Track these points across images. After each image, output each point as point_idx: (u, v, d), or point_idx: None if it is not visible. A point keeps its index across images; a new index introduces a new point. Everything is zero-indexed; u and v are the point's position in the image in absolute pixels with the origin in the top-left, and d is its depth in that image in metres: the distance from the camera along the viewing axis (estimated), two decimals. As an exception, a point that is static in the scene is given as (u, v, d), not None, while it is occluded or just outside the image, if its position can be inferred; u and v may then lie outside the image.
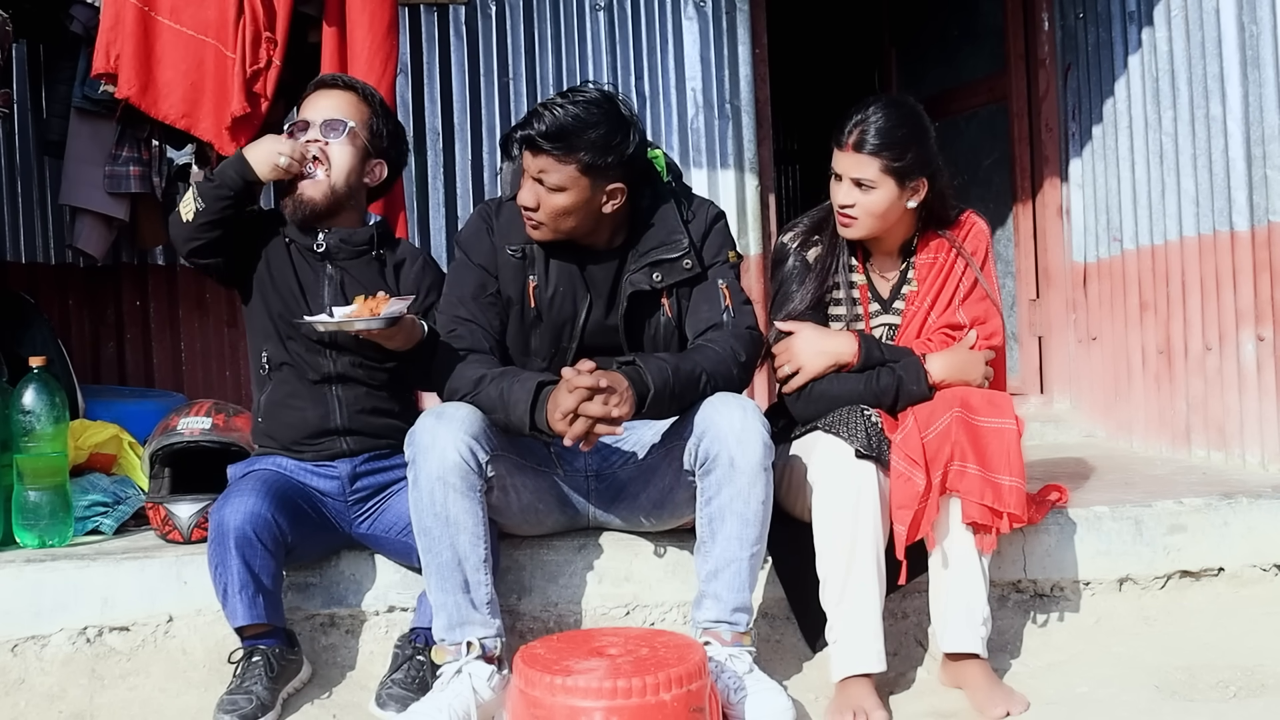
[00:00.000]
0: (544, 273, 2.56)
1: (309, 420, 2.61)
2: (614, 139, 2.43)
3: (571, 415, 2.27)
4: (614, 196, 2.49)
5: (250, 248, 2.64)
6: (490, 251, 2.58)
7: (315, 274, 2.62)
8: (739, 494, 2.37)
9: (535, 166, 2.44)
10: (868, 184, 2.57)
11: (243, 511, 2.41)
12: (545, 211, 2.46)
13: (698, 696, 2.12)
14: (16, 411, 2.77)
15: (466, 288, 2.57)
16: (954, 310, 2.66)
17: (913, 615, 2.73)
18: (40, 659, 2.57)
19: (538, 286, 2.55)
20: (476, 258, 2.58)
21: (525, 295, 2.56)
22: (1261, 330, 3.45)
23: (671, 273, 2.56)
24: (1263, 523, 2.91)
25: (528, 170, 2.46)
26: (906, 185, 2.59)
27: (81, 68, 3.51)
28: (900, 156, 2.55)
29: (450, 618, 2.37)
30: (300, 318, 2.49)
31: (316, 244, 2.62)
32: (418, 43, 4.36)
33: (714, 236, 2.62)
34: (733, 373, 2.49)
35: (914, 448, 2.44)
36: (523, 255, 2.56)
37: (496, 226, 2.59)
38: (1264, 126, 3.39)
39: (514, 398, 2.35)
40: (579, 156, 2.41)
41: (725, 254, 2.62)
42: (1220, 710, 2.38)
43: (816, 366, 2.60)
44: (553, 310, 2.56)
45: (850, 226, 2.63)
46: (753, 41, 4.51)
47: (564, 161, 2.41)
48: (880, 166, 2.56)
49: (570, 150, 2.41)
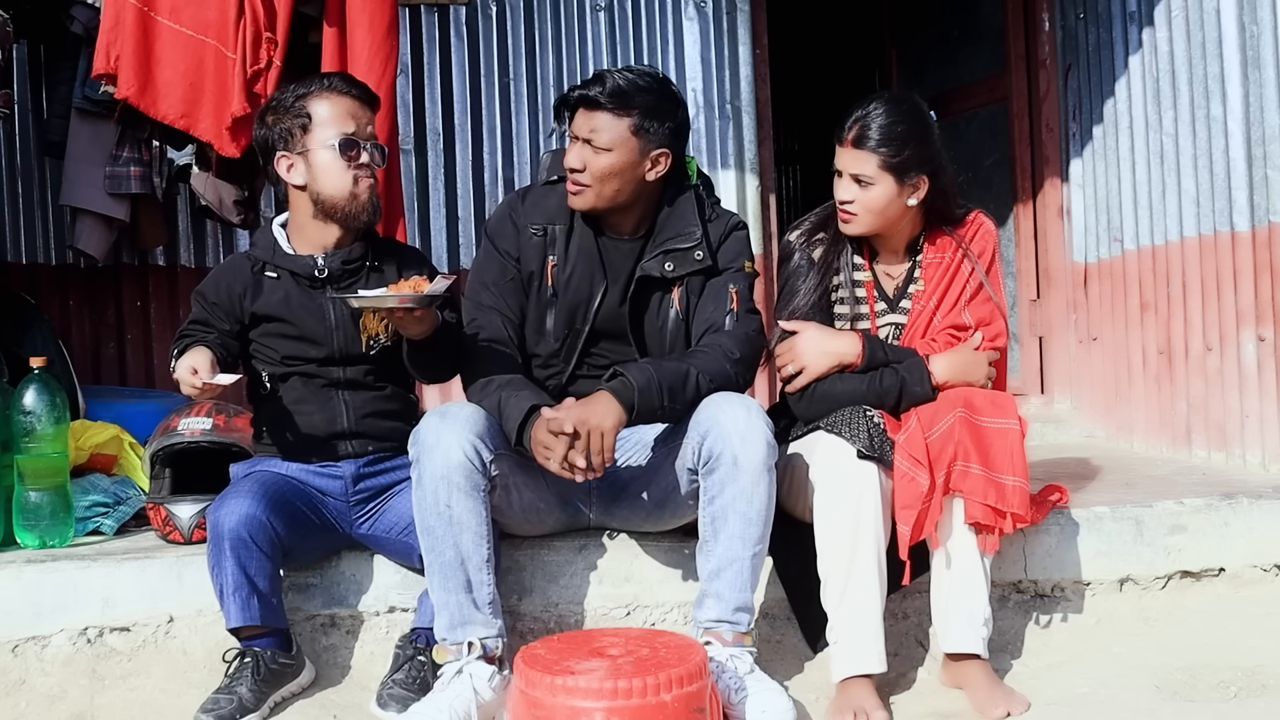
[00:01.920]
0: (564, 253, 2.60)
1: (316, 425, 2.61)
2: (666, 105, 2.53)
3: (544, 449, 2.35)
4: (658, 164, 2.54)
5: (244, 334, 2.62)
6: (514, 234, 2.62)
7: (317, 302, 2.60)
8: (742, 493, 2.37)
9: (587, 127, 2.50)
10: (866, 180, 2.57)
11: (237, 514, 2.41)
12: (591, 173, 2.51)
13: (698, 697, 2.12)
14: (17, 412, 2.77)
15: (489, 274, 2.62)
16: (960, 310, 2.66)
17: (913, 615, 2.73)
18: (41, 659, 2.57)
19: (556, 266, 2.59)
20: (501, 243, 2.63)
21: (544, 274, 2.60)
22: (1262, 330, 3.45)
23: (683, 263, 2.58)
24: (1263, 523, 2.91)
25: (577, 133, 2.52)
26: (905, 182, 2.58)
27: (82, 68, 3.51)
28: (899, 153, 2.55)
29: (452, 617, 2.37)
30: (312, 346, 2.54)
31: (318, 269, 2.60)
32: (418, 43, 4.36)
33: (732, 242, 2.65)
34: (726, 368, 2.50)
35: (918, 448, 2.44)
36: (544, 234, 2.60)
37: (522, 209, 2.64)
38: (1264, 127, 3.39)
39: (508, 412, 2.42)
40: (632, 115, 2.49)
41: (741, 262, 2.64)
42: (1221, 711, 2.38)
43: (820, 367, 2.60)
44: (569, 291, 2.59)
45: (850, 223, 2.64)
46: (753, 42, 4.52)
47: (619, 116, 2.48)
48: (878, 162, 2.56)
49: (625, 107, 2.48)
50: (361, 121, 2.59)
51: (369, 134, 2.61)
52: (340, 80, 2.63)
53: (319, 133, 2.55)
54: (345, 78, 2.67)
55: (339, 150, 2.54)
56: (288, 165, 2.58)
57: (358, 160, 2.56)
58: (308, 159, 2.56)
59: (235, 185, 3.79)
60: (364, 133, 2.59)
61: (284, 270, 2.61)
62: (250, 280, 2.61)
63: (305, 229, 2.62)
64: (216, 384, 2.38)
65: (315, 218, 2.60)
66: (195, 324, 2.58)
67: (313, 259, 2.60)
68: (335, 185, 2.56)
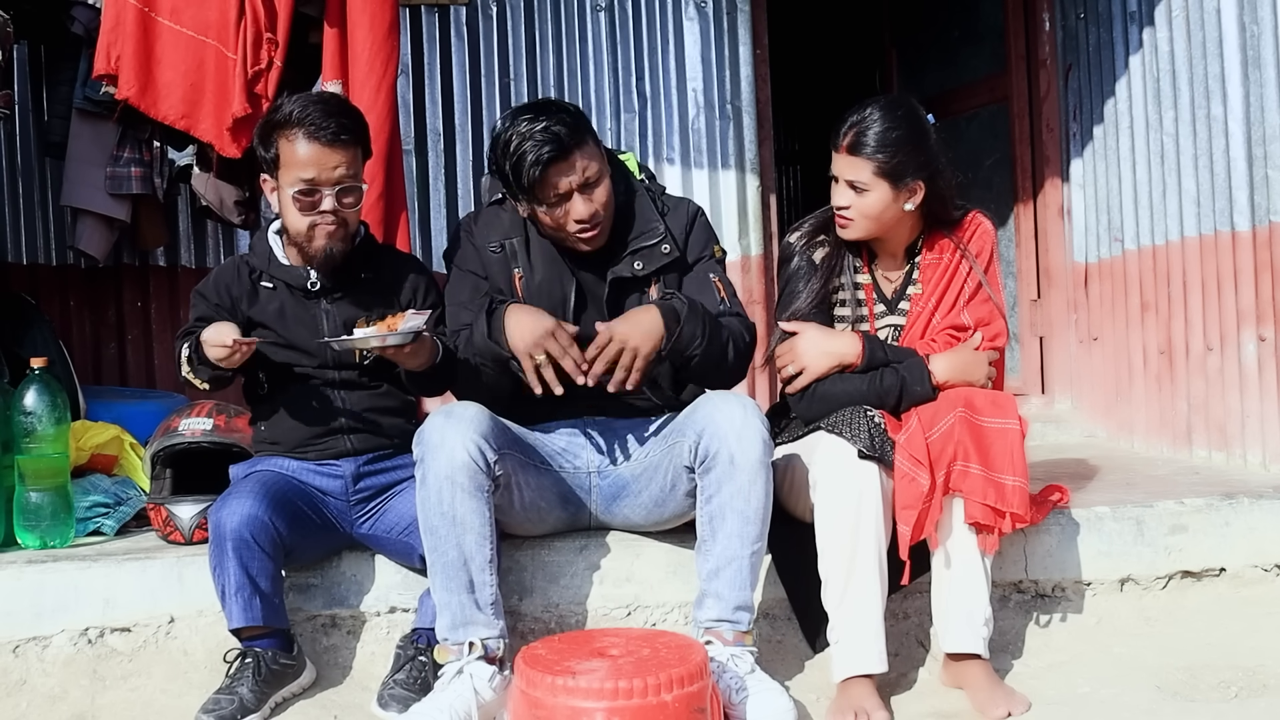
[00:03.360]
0: (527, 263, 2.62)
1: (313, 420, 2.61)
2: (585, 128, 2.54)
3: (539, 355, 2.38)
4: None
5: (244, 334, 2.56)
6: (475, 255, 2.65)
7: (311, 313, 2.60)
8: (739, 491, 2.38)
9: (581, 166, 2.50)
10: (861, 186, 2.58)
11: (239, 514, 2.41)
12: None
13: (699, 697, 2.12)
14: (18, 412, 2.77)
15: (463, 294, 2.64)
16: (959, 311, 2.66)
17: (914, 615, 2.73)
18: (42, 660, 2.58)
19: (524, 277, 2.61)
20: (466, 265, 2.66)
21: (514, 288, 2.61)
22: (1263, 330, 3.45)
23: (651, 259, 2.61)
24: (1264, 523, 2.91)
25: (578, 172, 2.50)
26: (901, 187, 2.59)
27: (83, 69, 3.52)
28: (893, 159, 2.55)
29: (454, 617, 2.37)
30: (305, 356, 2.55)
31: (310, 282, 2.59)
32: (419, 43, 4.36)
33: (697, 231, 2.69)
34: (745, 340, 2.57)
35: (919, 448, 2.43)
36: (502, 249, 2.63)
37: (476, 231, 2.66)
38: (1265, 126, 3.39)
39: (476, 331, 2.47)
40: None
41: (711, 249, 2.69)
42: (1221, 711, 2.38)
43: (820, 367, 2.60)
44: (541, 296, 2.60)
45: (847, 228, 2.64)
46: (753, 42, 4.52)
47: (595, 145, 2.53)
48: (873, 169, 2.56)
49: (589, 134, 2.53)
50: (326, 166, 2.48)
51: (336, 177, 2.49)
52: (316, 116, 2.48)
53: (283, 173, 2.52)
54: (323, 111, 2.51)
55: (295, 197, 2.50)
56: (270, 188, 2.60)
57: (318, 208, 2.51)
58: (279, 193, 2.55)
59: (236, 186, 3.80)
60: (327, 178, 2.48)
61: (279, 280, 2.61)
62: (248, 287, 2.61)
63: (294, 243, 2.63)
64: (251, 341, 2.43)
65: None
66: (201, 320, 2.57)
67: (305, 270, 2.60)
68: (294, 226, 2.55)
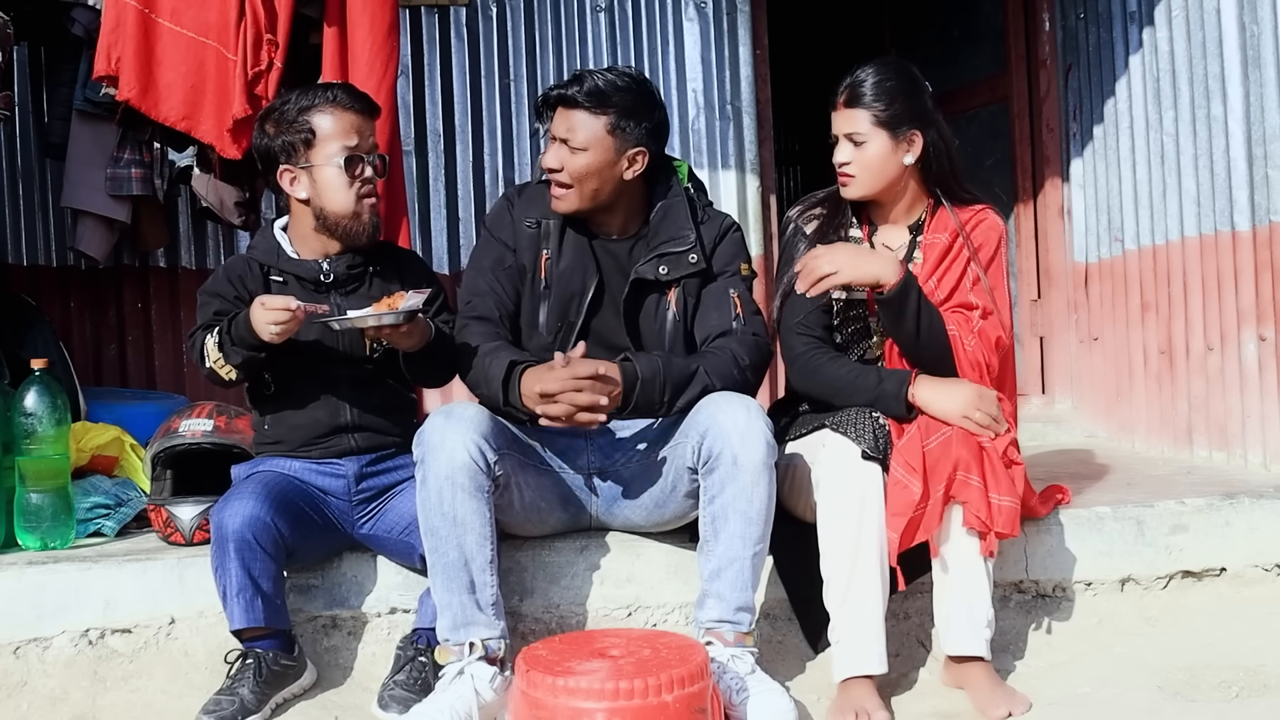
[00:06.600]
0: (557, 247, 2.63)
1: (319, 419, 2.61)
2: (642, 105, 2.56)
3: (551, 399, 2.34)
4: (634, 162, 2.56)
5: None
6: (510, 226, 2.66)
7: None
8: (742, 492, 2.38)
9: (564, 126, 2.53)
10: (859, 138, 2.60)
11: (241, 515, 2.40)
12: (570, 172, 2.53)
13: (700, 697, 2.12)
14: (18, 414, 2.77)
15: (486, 260, 2.66)
16: (964, 292, 2.62)
17: (915, 616, 2.73)
18: (42, 661, 2.57)
19: (550, 259, 2.62)
20: (498, 233, 2.68)
21: (538, 267, 2.62)
22: (1263, 330, 3.45)
23: (677, 266, 2.60)
24: (1265, 523, 2.91)
25: (555, 133, 2.55)
26: (899, 136, 2.60)
27: (83, 70, 3.51)
28: (889, 107, 2.58)
29: (455, 618, 2.37)
30: (314, 350, 2.54)
31: (323, 274, 2.60)
32: (419, 44, 4.36)
33: (727, 244, 2.67)
34: (733, 373, 2.51)
35: (914, 455, 2.43)
36: (538, 227, 2.63)
37: (518, 203, 2.69)
38: (1265, 126, 3.39)
39: (491, 373, 2.45)
40: (608, 114, 2.52)
41: (738, 265, 2.66)
42: (1222, 711, 2.38)
43: (853, 274, 2.48)
44: (562, 285, 2.61)
45: (849, 185, 2.65)
46: (753, 42, 4.52)
47: (595, 115, 2.51)
48: (870, 118, 2.59)
49: (601, 106, 2.51)
50: (365, 135, 2.57)
51: (371, 145, 2.59)
52: (343, 93, 2.59)
53: (323, 148, 2.53)
54: (348, 90, 2.61)
55: (344, 167, 2.53)
56: (290, 179, 2.57)
57: (362, 176, 2.55)
58: (312, 174, 2.54)
59: (236, 187, 3.80)
60: (366, 145, 2.57)
61: (289, 275, 2.61)
62: (261, 282, 2.61)
63: (308, 238, 2.62)
64: (314, 307, 2.42)
65: (318, 230, 2.60)
66: (219, 315, 2.53)
67: (317, 264, 2.61)
68: (339, 203, 2.55)
